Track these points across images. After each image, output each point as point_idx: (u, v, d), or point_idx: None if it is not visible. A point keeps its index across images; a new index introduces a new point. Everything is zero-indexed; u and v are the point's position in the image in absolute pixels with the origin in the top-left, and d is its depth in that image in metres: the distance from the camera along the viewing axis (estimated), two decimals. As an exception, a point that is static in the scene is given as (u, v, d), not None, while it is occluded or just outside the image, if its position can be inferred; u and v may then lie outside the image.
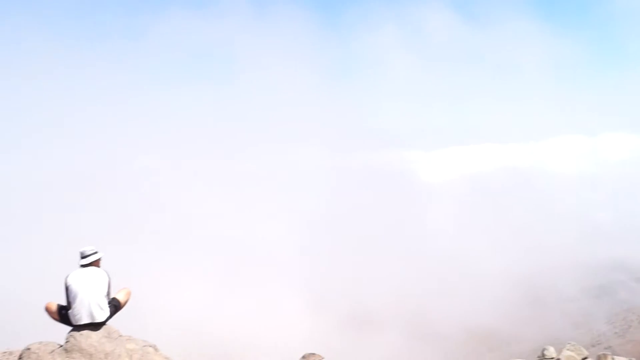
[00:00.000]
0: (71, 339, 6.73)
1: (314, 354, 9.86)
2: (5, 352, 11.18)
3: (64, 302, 7.06)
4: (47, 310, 7.06)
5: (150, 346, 7.38)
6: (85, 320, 6.83)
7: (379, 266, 56.80)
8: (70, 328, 7.03)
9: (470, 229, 67.86)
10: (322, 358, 9.90)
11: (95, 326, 6.89)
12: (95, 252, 7.26)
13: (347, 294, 50.64)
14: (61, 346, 6.81)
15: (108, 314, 7.02)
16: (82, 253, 7.23)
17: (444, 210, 73.75)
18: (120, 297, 7.30)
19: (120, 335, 7.13)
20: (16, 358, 10.49)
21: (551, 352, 9.64)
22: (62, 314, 6.96)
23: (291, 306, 47.10)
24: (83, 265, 7.16)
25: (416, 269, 55.18)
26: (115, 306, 7.17)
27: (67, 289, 6.90)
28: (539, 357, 9.68)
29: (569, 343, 10.14)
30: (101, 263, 7.39)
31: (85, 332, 6.79)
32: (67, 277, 6.95)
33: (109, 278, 7.17)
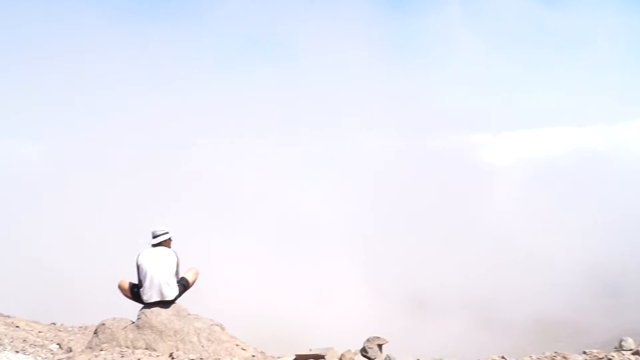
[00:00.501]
0: (142, 316, 6.94)
1: (378, 337, 9.74)
2: (81, 327, 11.78)
3: (136, 281, 7.29)
4: (120, 288, 7.31)
5: (217, 325, 7.50)
6: (155, 298, 7.03)
7: (441, 250, 55.65)
8: (141, 305, 7.26)
9: (539, 213, 65.18)
10: (387, 341, 9.78)
11: (164, 304, 7.07)
12: (166, 233, 7.44)
13: (408, 277, 50.01)
14: (133, 322, 7.03)
15: (177, 292, 7.18)
16: (153, 233, 7.42)
17: (510, 194, 71.08)
18: (189, 277, 7.46)
19: (188, 314, 7.29)
20: (91, 333, 11.01)
21: (630, 343, 9.07)
22: (134, 292, 7.19)
23: (350, 289, 47.10)
24: (154, 245, 7.34)
25: (480, 253, 53.73)
26: (184, 285, 7.34)
27: (138, 268, 7.12)
28: (616, 348, 9.14)
29: (649, 335, 9.54)
30: (172, 243, 7.57)
31: (156, 310, 6.98)
32: (138, 256, 7.17)
33: (178, 258, 7.33)
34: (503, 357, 9.18)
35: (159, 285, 6.99)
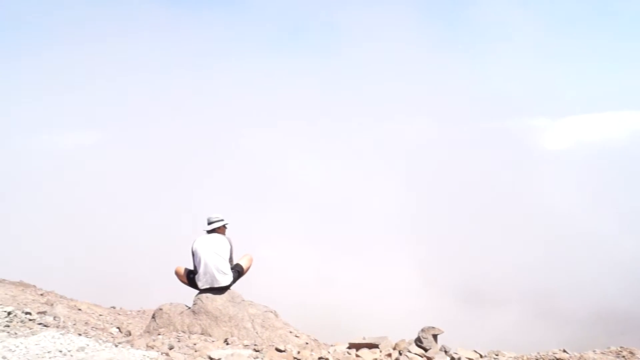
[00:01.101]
0: (198, 302, 7.03)
1: (433, 327, 9.53)
2: (139, 311, 12.11)
3: (192, 267, 7.38)
4: (177, 274, 7.44)
5: (270, 311, 7.52)
6: (209, 284, 7.10)
7: (496, 238, 54.07)
8: (197, 291, 7.35)
9: (598, 199, 62.31)
10: (442, 331, 9.56)
11: (219, 290, 7.13)
12: (221, 220, 7.50)
13: (461, 266, 49.02)
14: (189, 308, 7.13)
15: (231, 279, 7.23)
16: (208, 219, 7.50)
17: (569, 179, 68.21)
18: (243, 263, 7.50)
19: (243, 300, 7.34)
20: (149, 317, 11.30)
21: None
22: (190, 278, 7.29)
23: (401, 277, 46.59)
24: (208, 232, 7.41)
25: (538, 243, 51.97)
26: (238, 272, 7.38)
27: (193, 254, 7.20)
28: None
29: None
30: (227, 230, 7.62)
31: (211, 296, 7.05)
32: (193, 242, 7.25)
33: (231, 245, 7.37)
34: (564, 351, 8.81)
35: (213, 271, 7.05)
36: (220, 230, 7.49)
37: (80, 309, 10.02)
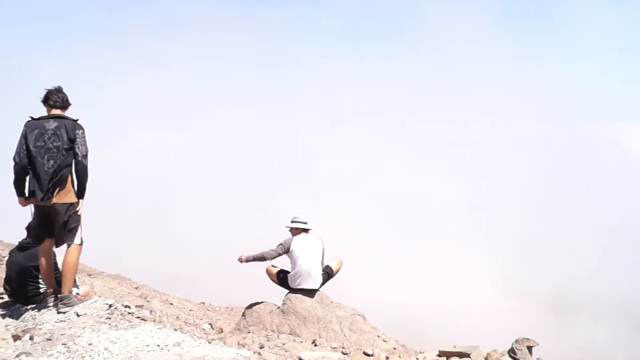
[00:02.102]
0: (288, 302, 7.01)
1: (528, 338, 9.01)
2: (227, 307, 12.38)
3: (279, 264, 7.38)
4: (268, 272, 7.45)
5: (359, 314, 7.38)
6: (302, 285, 7.06)
7: (587, 244, 51.06)
8: (285, 291, 7.35)
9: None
10: (537, 344, 9.02)
11: (309, 291, 7.08)
12: (305, 222, 7.42)
13: (549, 273, 46.71)
14: (278, 307, 7.13)
15: (321, 281, 7.17)
16: (294, 219, 7.45)
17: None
18: (333, 266, 7.42)
19: (331, 302, 7.26)
20: (236, 314, 11.51)
21: None
22: (280, 277, 7.29)
23: (484, 283, 45.04)
24: (295, 230, 7.35)
25: (631, 248, 48.61)
26: (328, 274, 7.31)
27: (289, 253, 7.16)
28: None
29: None
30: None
31: (300, 296, 7.02)
32: (291, 242, 7.20)
33: (324, 246, 7.30)
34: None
35: (308, 273, 7.01)
36: (299, 231, 7.41)
37: (171, 304, 10.36)
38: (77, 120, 5.42)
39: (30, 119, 5.36)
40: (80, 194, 5.43)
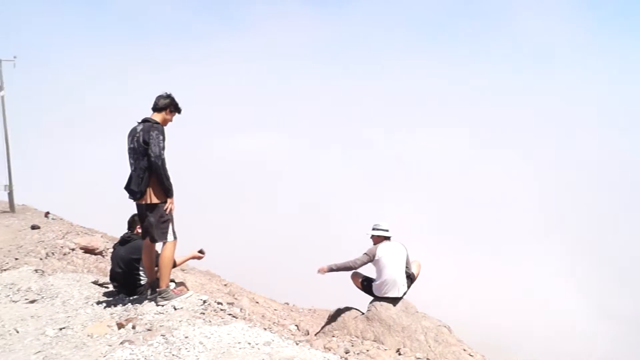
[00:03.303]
0: (372, 309, 7.01)
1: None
2: (310, 309, 12.56)
3: (363, 270, 7.37)
4: (353, 280, 7.46)
5: (444, 326, 7.25)
6: (388, 293, 7.02)
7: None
8: (369, 297, 7.34)
9: None
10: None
11: (394, 299, 7.04)
12: (386, 230, 7.31)
13: (635, 291, 43.36)
14: (363, 313, 7.14)
15: (406, 289, 7.10)
16: (376, 226, 7.36)
17: None
18: (415, 270, 7.30)
19: (416, 311, 7.17)
20: (319, 316, 11.65)
21: None
22: (364, 285, 7.28)
23: (565, 299, 42.57)
24: (377, 237, 7.28)
25: None
26: (411, 279, 7.22)
27: (375, 260, 7.10)
28: None
29: None
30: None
31: (385, 304, 7.00)
32: (376, 249, 7.14)
33: (407, 252, 7.23)
34: None
35: (394, 282, 6.97)
36: (381, 239, 7.32)
37: (257, 302, 10.67)
38: (155, 122, 5.60)
39: (136, 122, 5.74)
40: (166, 193, 5.55)
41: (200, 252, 6.90)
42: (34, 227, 16.46)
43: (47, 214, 21.86)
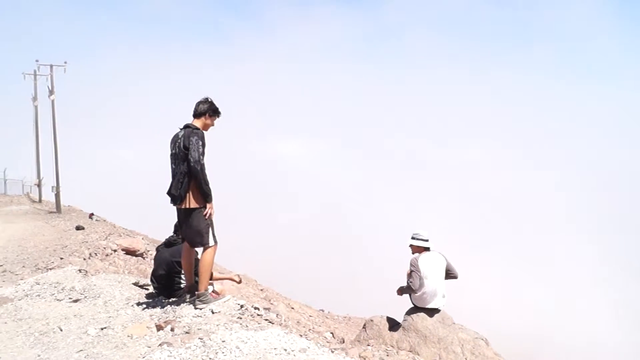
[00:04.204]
0: (408, 319, 6.94)
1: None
2: (345, 317, 12.53)
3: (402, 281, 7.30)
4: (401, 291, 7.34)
5: (481, 339, 7.11)
6: (428, 304, 6.91)
7: None
8: (405, 306, 7.26)
9: None
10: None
11: (431, 310, 6.95)
12: (426, 240, 7.13)
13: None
14: (399, 323, 7.08)
15: (446, 300, 6.99)
16: (416, 235, 7.23)
17: None
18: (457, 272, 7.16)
19: (453, 323, 7.07)
20: (354, 324, 11.60)
21: None
22: (404, 291, 7.19)
23: (598, 311, 41.23)
24: (416, 247, 7.16)
25: None
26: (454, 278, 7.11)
27: (416, 271, 6.96)
28: None
29: None
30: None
31: (422, 315, 6.92)
32: (417, 259, 7.05)
33: (447, 261, 7.12)
34: None
35: (434, 293, 6.87)
36: (420, 249, 7.20)
37: (292, 308, 10.70)
38: (195, 128, 5.65)
39: (178, 128, 5.85)
40: (205, 198, 5.58)
41: (238, 277, 7.02)
42: (78, 228, 17.01)
43: (91, 215, 22.57)
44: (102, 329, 5.51)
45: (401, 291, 7.10)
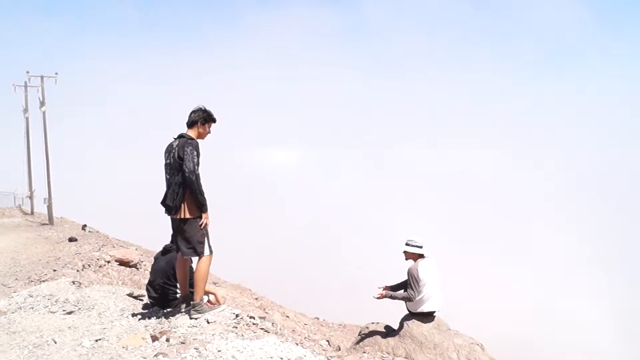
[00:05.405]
0: (404, 325, 6.94)
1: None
2: (340, 324, 12.50)
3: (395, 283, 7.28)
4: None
5: (477, 344, 7.12)
6: (426, 310, 6.86)
7: None
8: (400, 312, 7.26)
9: None
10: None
11: (427, 317, 6.94)
12: (420, 247, 7.02)
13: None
14: (394, 330, 7.08)
15: (441, 305, 6.99)
16: (410, 242, 7.12)
17: None
18: None
19: (449, 329, 7.08)
20: (349, 331, 11.59)
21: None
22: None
23: (591, 319, 41.38)
24: (412, 252, 7.11)
25: None
26: None
27: (416, 278, 6.84)
28: None
29: None
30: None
31: (417, 321, 6.91)
32: (417, 268, 6.92)
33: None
34: None
35: (430, 298, 6.86)
36: (411, 255, 7.11)
37: (287, 316, 10.68)
38: (190, 138, 5.65)
39: (172, 138, 5.85)
40: (200, 208, 5.56)
41: (223, 300, 7.02)
42: (71, 240, 16.92)
43: (84, 227, 22.45)
44: (96, 340, 5.48)
45: (393, 297, 6.99)
